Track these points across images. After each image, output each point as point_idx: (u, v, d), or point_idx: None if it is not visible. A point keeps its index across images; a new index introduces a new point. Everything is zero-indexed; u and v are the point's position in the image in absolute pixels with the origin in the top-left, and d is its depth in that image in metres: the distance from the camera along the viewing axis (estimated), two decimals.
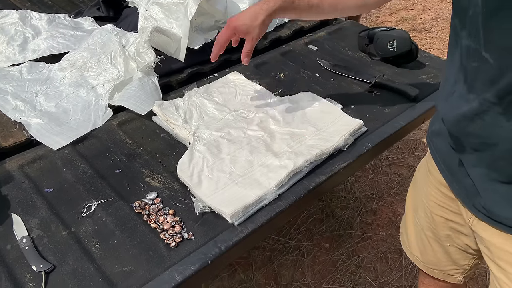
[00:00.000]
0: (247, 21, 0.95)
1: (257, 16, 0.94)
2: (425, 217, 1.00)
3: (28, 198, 0.93)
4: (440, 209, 0.94)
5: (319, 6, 0.96)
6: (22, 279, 0.78)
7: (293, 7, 0.95)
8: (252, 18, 0.94)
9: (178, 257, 0.82)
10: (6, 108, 1.15)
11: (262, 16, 0.94)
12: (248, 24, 0.95)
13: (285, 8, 0.95)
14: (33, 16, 1.50)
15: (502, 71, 0.63)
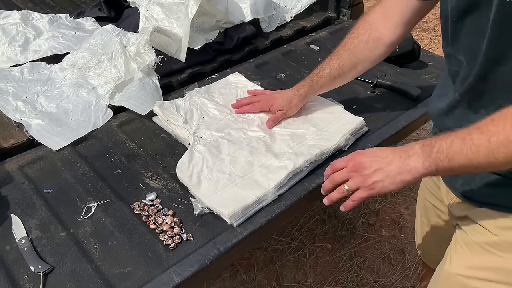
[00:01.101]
0: (283, 102, 1.12)
1: (292, 100, 1.11)
2: (422, 203, 1.10)
3: (28, 198, 0.93)
4: (431, 196, 1.03)
5: (340, 75, 1.07)
6: (20, 280, 0.78)
7: (320, 86, 1.09)
8: (288, 101, 1.12)
9: (177, 258, 0.82)
10: (7, 109, 1.15)
11: (295, 101, 1.12)
12: (283, 105, 1.12)
13: (314, 90, 1.10)
14: (35, 17, 1.51)
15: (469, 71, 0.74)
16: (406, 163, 0.73)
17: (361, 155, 0.80)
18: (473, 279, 0.82)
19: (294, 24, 1.65)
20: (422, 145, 0.74)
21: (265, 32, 1.59)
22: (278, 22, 1.63)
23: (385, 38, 0.99)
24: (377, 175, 0.76)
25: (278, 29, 1.61)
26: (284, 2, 1.70)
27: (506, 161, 0.65)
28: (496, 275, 0.80)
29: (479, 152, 0.67)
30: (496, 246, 0.80)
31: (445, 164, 0.70)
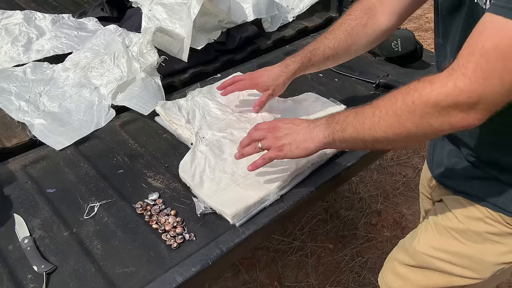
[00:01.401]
0: (269, 80, 1.05)
1: (279, 77, 1.05)
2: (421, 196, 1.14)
3: (31, 198, 0.93)
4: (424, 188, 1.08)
5: (334, 56, 1.04)
6: (23, 280, 0.78)
7: (311, 64, 1.04)
8: (274, 78, 1.05)
9: (179, 258, 0.82)
10: (10, 109, 1.16)
11: (283, 78, 1.05)
12: (269, 83, 1.05)
13: (304, 67, 1.05)
14: (37, 17, 1.51)
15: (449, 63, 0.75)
16: (311, 131, 0.83)
17: (280, 121, 0.90)
18: (435, 258, 0.90)
19: (296, 24, 1.65)
20: (328, 116, 0.83)
21: (267, 32, 1.59)
22: (280, 22, 1.63)
23: (382, 25, 1.00)
24: (286, 138, 0.85)
25: (280, 29, 1.61)
26: (286, 2, 1.70)
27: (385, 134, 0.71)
28: (457, 258, 0.87)
29: (364, 124, 0.74)
30: (461, 233, 0.86)
31: (340, 135, 0.78)
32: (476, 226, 0.84)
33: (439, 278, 0.91)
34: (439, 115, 0.65)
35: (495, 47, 0.58)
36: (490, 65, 0.58)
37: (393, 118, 0.69)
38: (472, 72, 0.60)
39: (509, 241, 0.82)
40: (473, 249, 0.85)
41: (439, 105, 0.64)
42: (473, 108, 0.62)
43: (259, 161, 0.89)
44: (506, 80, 0.58)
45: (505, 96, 0.61)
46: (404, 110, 0.68)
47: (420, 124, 0.67)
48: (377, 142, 0.74)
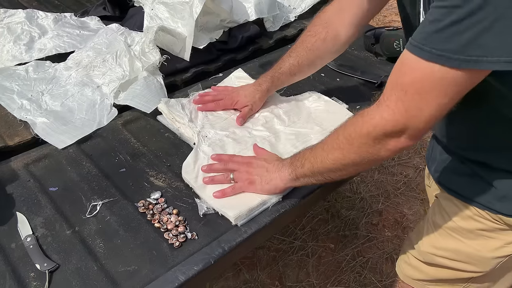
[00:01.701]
0: (246, 99, 1.14)
1: (254, 95, 1.14)
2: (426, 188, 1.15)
3: (33, 196, 0.94)
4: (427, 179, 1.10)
5: (300, 71, 1.13)
6: (26, 278, 0.78)
7: (281, 82, 1.14)
8: (250, 96, 1.14)
9: (181, 257, 0.82)
10: (12, 107, 1.16)
11: (258, 95, 1.14)
12: (247, 101, 1.14)
13: (275, 85, 1.15)
14: (40, 16, 1.51)
15: None
16: (279, 169, 0.90)
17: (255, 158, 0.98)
18: (438, 257, 0.95)
19: (298, 24, 1.65)
20: (293, 155, 0.91)
21: (269, 32, 1.59)
22: (282, 22, 1.63)
23: (341, 36, 1.06)
24: (257, 174, 0.92)
25: (282, 29, 1.61)
26: (288, 2, 1.70)
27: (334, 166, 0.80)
28: (456, 255, 0.91)
29: (317, 158, 0.83)
30: (456, 231, 0.90)
31: (300, 170, 0.86)
32: (467, 224, 0.87)
33: (446, 272, 0.96)
34: (373, 143, 0.73)
35: (412, 82, 0.65)
36: (409, 98, 0.66)
37: (337, 151, 0.78)
38: (394, 104, 0.68)
39: (500, 236, 0.85)
40: (468, 246, 0.89)
41: (371, 135, 0.72)
42: (401, 134, 0.70)
43: (228, 190, 0.92)
44: (425, 110, 0.65)
45: (427, 123, 0.67)
46: (344, 143, 0.77)
47: (360, 153, 0.76)
48: (331, 173, 0.83)
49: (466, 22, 0.57)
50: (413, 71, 0.64)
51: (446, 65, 0.60)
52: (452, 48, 0.59)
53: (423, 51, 0.62)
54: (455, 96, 0.64)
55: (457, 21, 0.57)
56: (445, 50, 0.59)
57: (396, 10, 0.99)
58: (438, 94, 0.64)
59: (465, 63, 0.59)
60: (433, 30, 0.60)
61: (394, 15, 3.64)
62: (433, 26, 0.60)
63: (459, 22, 0.57)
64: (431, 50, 0.61)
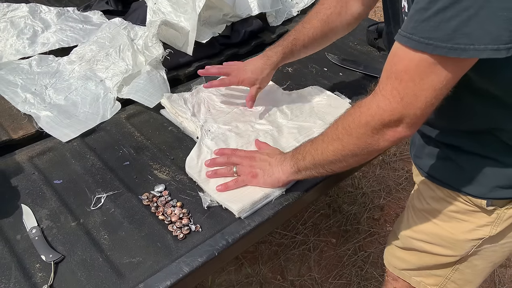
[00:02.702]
0: (254, 75, 1.09)
1: (263, 71, 1.09)
2: None
3: (38, 189, 0.94)
4: None
5: (313, 44, 1.10)
6: (31, 269, 0.79)
7: (292, 54, 1.10)
8: (258, 72, 1.09)
9: (185, 249, 0.82)
10: (16, 101, 1.16)
11: (267, 71, 1.09)
12: (255, 78, 1.09)
13: (286, 58, 1.10)
14: (43, 10, 1.51)
15: None
16: (281, 163, 0.90)
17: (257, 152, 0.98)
18: (417, 240, 0.98)
19: (300, 19, 1.62)
20: (294, 149, 0.91)
21: (271, 26, 1.59)
22: (284, 16, 1.63)
23: (354, 12, 1.06)
24: (260, 167, 0.92)
25: (284, 23, 1.61)
26: None
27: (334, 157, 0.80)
28: (432, 238, 0.94)
29: (317, 150, 0.83)
30: (430, 214, 0.93)
31: (302, 163, 0.86)
32: (441, 206, 0.90)
33: (427, 258, 0.98)
34: (372, 134, 0.73)
35: (405, 70, 0.65)
36: (403, 85, 0.66)
37: (337, 142, 0.79)
38: (390, 93, 0.68)
39: (472, 219, 0.87)
40: (443, 229, 0.91)
41: (369, 125, 0.73)
42: (399, 123, 0.70)
43: (231, 183, 0.92)
44: (420, 96, 0.66)
45: (424, 109, 0.67)
46: (344, 134, 0.77)
47: (359, 144, 0.76)
48: (331, 164, 0.83)
49: (452, 10, 0.57)
50: (405, 61, 0.65)
51: (435, 53, 0.61)
52: (439, 37, 0.60)
53: (412, 40, 0.62)
54: (448, 82, 0.65)
55: (443, 9, 0.58)
56: (433, 38, 0.60)
57: None
58: (432, 81, 0.64)
59: (452, 51, 0.60)
60: (421, 19, 0.61)
61: None
62: (420, 15, 0.61)
63: (444, 9, 0.58)
64: (419, 39, 0.62)
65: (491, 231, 0.86)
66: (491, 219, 0.85)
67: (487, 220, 0.85)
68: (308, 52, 1.13)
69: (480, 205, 0.83)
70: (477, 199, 0.83)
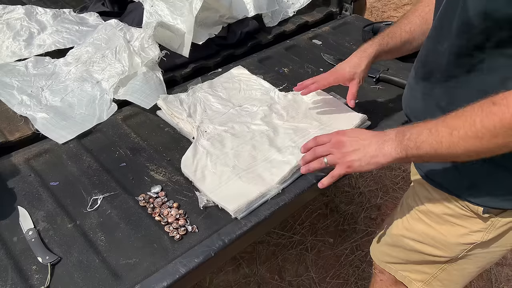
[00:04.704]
0: (352, 68, 1.03)
1: (361, 64, 1.03)
2: None
3: (34, 191, 0.94)
4: None
5: (410, 40, 1.01)
6: (28, 271, 0.79)
7: (389, 47, 1.03)
8: (356, 66, 1.03)
9: (182, 249, 0.83)
10: (12, 103, 1.16)
11: (364, 63, 1.03)
12: (353, 71, 1.04)
13: (382, 50, 1.03)
14: (39, 11, 1.51)
15: None
16: (381, 147, 0.80)
17: (344, 135, 0.87)
18: (407, 238, 0.97)
19: (296, 19, 1.65)
20: (397, 132, 0.80)
21: (268, 27, 1.59)
22: (281, 17, 1.63)
23: None
24: (356, 154, 0.83)
25: (280, 24, 1.62)
26: None
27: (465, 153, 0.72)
28: (424, 238, 0.94)
29: (442, 143, 0.74)
30: (425, 215, 0.92)
31: (414, 152, 0.77)
32: (436, 208, 0.90)
33: (416, 255, 0.99)
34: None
35: None
36: None
37: (474, 140, 0.70)
38: None
39: (466, 224, 0.87)
40: (436, 230, 0.91)
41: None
42: None
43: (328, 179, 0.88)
44: None
45: None
46: (485, 133, 0.69)
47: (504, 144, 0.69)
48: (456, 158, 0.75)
49: None
50: None
51: None
52: None
53: None
54: None
55: None
56: None
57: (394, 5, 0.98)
58: None
59: None
60: None
61: (392, 10, 3.65)
62: None
63: None
64: None
65: (484, 237, 0.86)
66: (485, 225, 0.85)
67: (480, 226, 0.85)
68: (404, 49, 1.04)
69: (477, 211, 0.83)
70: (474, 206, 0.82)
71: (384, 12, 3.63)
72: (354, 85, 1.05)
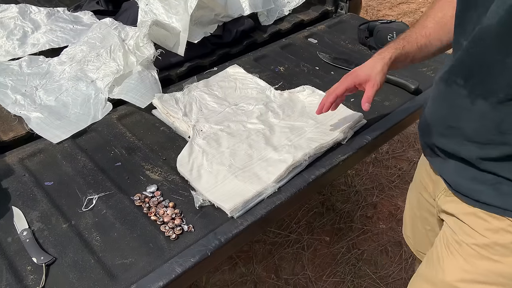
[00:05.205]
0: (368, 70, 0.99)
1: (376, 66, 0.98)
2: (415, 196, 1.06)
3: (29, 191, 0.94)
4: (424, 190, 0.99)
5: (427, 45, 0.96)
6: (23, 271, 0.78)
7: (405, 52, 0.97)
8: (372, 67, 0.99)
9: (178, 249, 0.82)
10: (6, 102, 1.15)
11: (380, 65, 0.98)
12: (369, 73, 0.99)
13: (398, 54, 0.98)
14: (32, 10, 1.50)
15: None
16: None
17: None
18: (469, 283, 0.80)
19: (292, 18, 1.65)
20: None
21: (263, 26, 1.59)
22: (276, 16, 1.63)
23: None
24: None
25: (276, 23, 1.62)
26: None
27: None
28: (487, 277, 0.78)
29: None
30: (487, 249, 0.78)
31: None
32: (500, 238, 0.77)
33: None
34: None
35: None
36: None
37: None
38: None
39: None
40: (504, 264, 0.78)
41: None
42: None
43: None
44: None
45: None
46: None
47: None
48: None
49: None
50: None
51: None
52: None
53: None
54: None
55: None
56: None
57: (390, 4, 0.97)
58: None
59: None
60: None
61: (387, 9, 3.65)
62: None
63: None
64: None
65: None
66: None
67: None
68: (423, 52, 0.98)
69: None
70: None
71: (379, 11, 3.63)
72: (369, 88, 0.98)
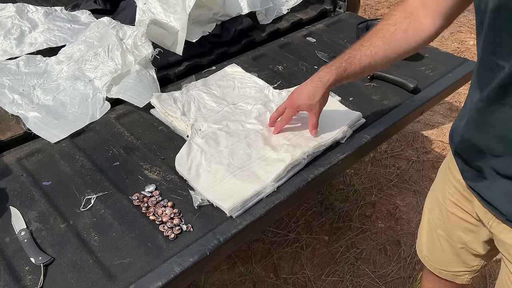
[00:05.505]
0: (307, 100, 1.00)
1: (315, 94, 0.99)
2: (439, 215, 0.99)
3: (26, 191, 0.93)
4: (456, 207, 0.93)
5: (371, 64, 0.95)
6: (21, 272, 0.78)
7: (346, 74, 0.96)
8: (311, 97, 0.99)
9: (177, 249, 0.82)
10: (4, 102, 1.15)
11: (320, 93, 0.98)
12: (309, 103, 1.01)
13: (339, 78, 0.97)
14: (30, 9, 1.49)
15: None
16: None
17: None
18: None
19: (290, 17, 1.65)
20: None
21: (261, 25, 1.59)
22: (274, 15, 1.63)
23: (425, 29, 0.89)
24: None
25: (274, 22, 1.61)
26: None
27: None
28: None
29: None
30: None
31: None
32: None
33: None
34: None
35: None
36: None
37: None
38: None
39: None
40: None
41: None
42: None
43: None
44: None
45: None
46: None
47: None
48: None
49: None
50: None
51: None
52: None
53: None
54: None
55: None
56: None
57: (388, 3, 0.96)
58: None
59: None
60: None
61: (386, 8, 3.65)
62: None
63: None
64: None
65: None
66: None
67: None
68: (366, 72, 0.99)
69: None
70: None
71: (377, 10, 3.63)
72: (312, 116, 1.03)
